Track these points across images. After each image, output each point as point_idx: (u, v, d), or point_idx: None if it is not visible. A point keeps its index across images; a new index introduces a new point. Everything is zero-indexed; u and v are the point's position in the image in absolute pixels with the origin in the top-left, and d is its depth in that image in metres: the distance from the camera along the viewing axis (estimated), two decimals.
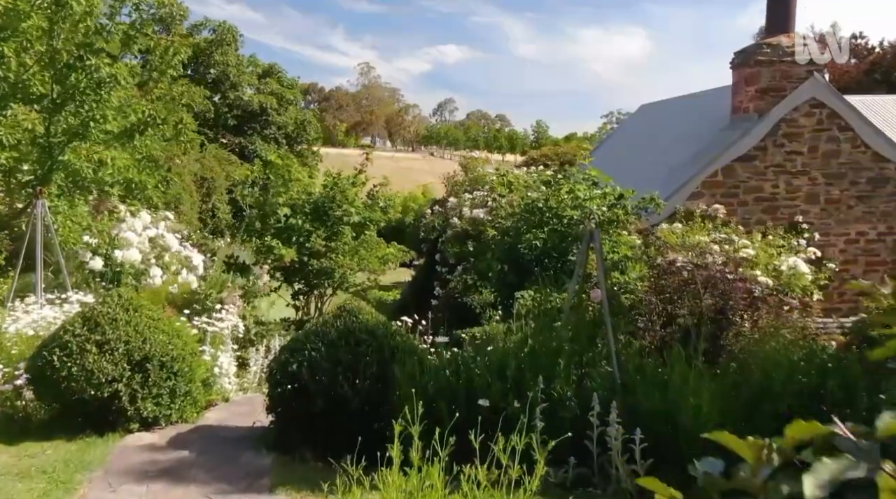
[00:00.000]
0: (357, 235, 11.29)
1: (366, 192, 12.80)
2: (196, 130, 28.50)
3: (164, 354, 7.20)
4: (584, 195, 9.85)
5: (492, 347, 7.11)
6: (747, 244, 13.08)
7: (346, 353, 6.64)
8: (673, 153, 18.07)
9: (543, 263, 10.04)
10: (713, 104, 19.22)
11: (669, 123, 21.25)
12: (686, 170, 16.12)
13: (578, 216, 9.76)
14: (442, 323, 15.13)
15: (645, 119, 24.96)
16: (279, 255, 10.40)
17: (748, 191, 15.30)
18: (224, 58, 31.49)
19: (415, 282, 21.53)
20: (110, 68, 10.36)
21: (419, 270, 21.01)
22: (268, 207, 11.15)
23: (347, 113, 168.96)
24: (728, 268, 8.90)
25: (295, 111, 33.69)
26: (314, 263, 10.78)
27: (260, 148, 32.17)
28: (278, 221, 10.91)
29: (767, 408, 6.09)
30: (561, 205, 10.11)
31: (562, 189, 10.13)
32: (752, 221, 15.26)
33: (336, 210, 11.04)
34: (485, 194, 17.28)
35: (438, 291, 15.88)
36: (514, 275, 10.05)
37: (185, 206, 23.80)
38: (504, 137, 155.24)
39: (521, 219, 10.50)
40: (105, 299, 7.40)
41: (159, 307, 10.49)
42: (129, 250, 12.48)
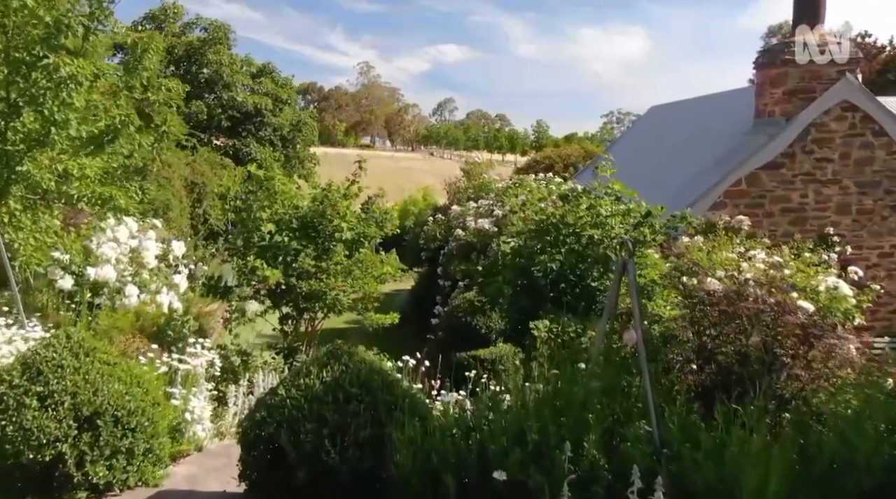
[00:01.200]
0: (350, 253, 10.16)
1: (360, 202, 11.75)
2: (187, 132, 27.42)
3: (120, 407, 6.07)
4: (606, 212, 8.73)
5: (508, 400, 5.99)
6: (780, 263, 11.98)
7: (333, 411, 5.52)
8: (691, 160, 16.96)
9: (560, 286, 8.93)
10: (731, 107, 18.11)
11: (683, 127, 20.13)
12: (706, 178, 15.02)
13: (599, 235, 8.64)
14: (445, 344, 14.05)
15: (655, 122, 23.86)
16: (263, 277, 9.27)
17: (774, 201, 14.21)
18: (217, 57, 30.36)
19: (415, 292, 20.41)
20: (71, 67, 9.23)
21: (420, 280, 19.90)
22: (250, 222, 10.02)
23: (347, 113, 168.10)
24: (772, 297, 7.79)
25: (291, 112, 32.55)
26: (303, 286, 9.65)
27: (255, 150, 31.03)
28: (262, 239, 9.78)
29: (849, 484, 4.98)
30: (580, 222, 9.00)
31: (581, 204, 9.00)
32: (779, 234, 14.18)
33: (326, 226, 9.92)
34: (490, 203, 16.17)
35: (440, 309, 14.78)
36: (527, 299, 8.97)
37: (174, 212, 22.68)
38: (504, 137, 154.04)
39: (535, 237, 9.38)
40: (50, 342, 6.27)
41: (128, 336, 9.43)
42: (104, 268, 11.34)
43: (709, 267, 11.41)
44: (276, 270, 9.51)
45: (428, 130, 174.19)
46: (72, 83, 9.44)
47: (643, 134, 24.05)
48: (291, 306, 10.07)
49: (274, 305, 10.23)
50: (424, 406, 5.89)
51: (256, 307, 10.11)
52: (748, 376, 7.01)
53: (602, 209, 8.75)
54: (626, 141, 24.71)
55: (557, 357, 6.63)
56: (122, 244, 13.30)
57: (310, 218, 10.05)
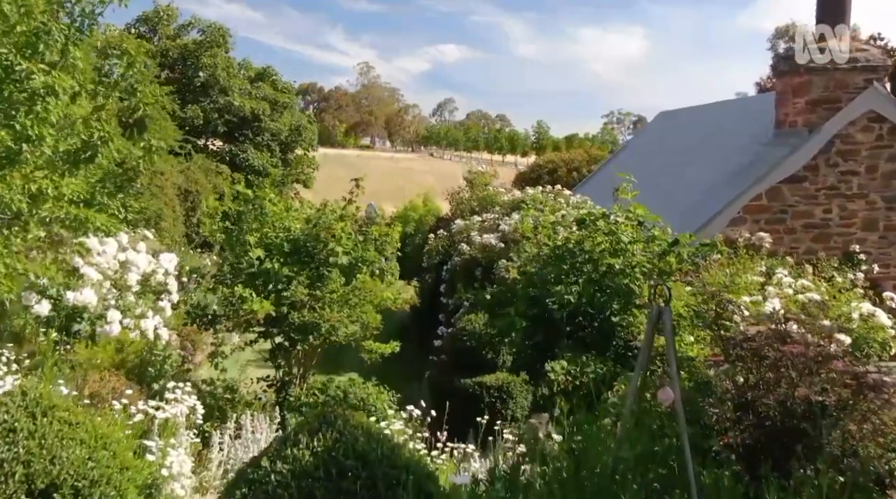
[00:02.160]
0: (347, 279, 9.38)
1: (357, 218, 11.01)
2: (181, 138, 26.65)
3: (81, 476, 5.30)
4: (627, 239, 7.95)
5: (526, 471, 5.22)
6: (809, 287, 11.21)
7: (325, 488, 4.75)
8: (705, 171, 16.18)
9: (577, 320, 8.15)
10: (746, 115, 17.36)
11: (695, 135, 19.35)
12: (723, 192, 14.24)
13: (620, 265, 7.85)
14: (448, 368, 13.28)
15: (665, 128, 23.07)
16: (250, 309, 8.49)
17: (797, 216, 13.44)
18: (213, 60, 29.57)
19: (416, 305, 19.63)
20: (47, 77, 8.43)
21: (421, 293, 19.08)
22: (238, 247, 9.24)
23: (347, 113, 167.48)
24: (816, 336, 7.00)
25: (289, 117, 31.73)
26: (295, 317, 8.88)
27: (252, 156, 30.27)
28: (251, 265, 8.99)
29: None
30: (597, 249, 8.22)
31: (599, 230, 8.23)
32: (801, 251, 13.42)
33: (320, 250, 9.14)
34: (496, 217, 15.40)
35: (443, 330, 14.01)
36: (541, 334, 8.19)
37: (167, 221, 21.89)
38: (504, 138, 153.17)
39: (550, 264, 8.61)
40: (3, 401, 5.49)
41: (104, 374, 8.65)
42: (83, 292, 10.57)
43: (732, 289, 10.66)
44: (265, 301, 8.72)
45: (428, 130, 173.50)
46: (48, 96, 8.66)
47: (651, 141, 23.26)
48: (283, 336, 9.29)
49: (263, 335, 9.45)
50: (432, 480, 5.11)
51: (237, 341, 9.34)
52: (794, 432, 6.25)
53: (623, 235, 7.96)
54: (634, 148, 23.93)
55: (579, 414, 5.87)
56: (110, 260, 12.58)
57: (303, 242, 9.27)
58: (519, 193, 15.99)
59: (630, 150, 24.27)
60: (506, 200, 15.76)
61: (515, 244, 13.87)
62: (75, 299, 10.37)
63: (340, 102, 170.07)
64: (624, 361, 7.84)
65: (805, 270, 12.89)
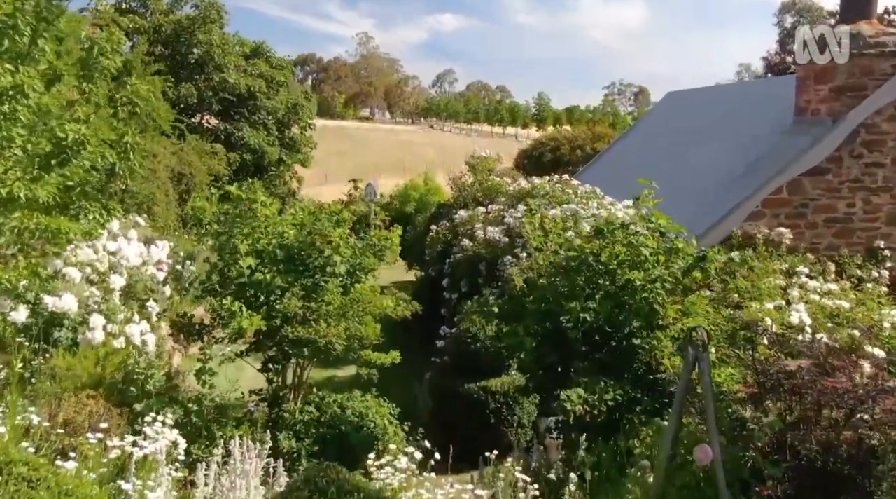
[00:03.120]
0: (345, 289, 8.72)
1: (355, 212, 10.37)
2: (175, 117, 25.85)
3: None
4: (649, 252, 7.28)
5: None
6: (835, 291, 10.56)
7: None
8: (720, 160, 15.45)
9: (593, 339, 7.51)
10: (761, 99, 16.59)
11: (707, 119, 18.56)
12: (741, 183, 13.54)
13: (641, 280, 7.20)
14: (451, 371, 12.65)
15: (674, 110, 22.25)
16: (239, 327, 7.83)
17: (818, 210, 12.75)
18: (208, 37, 28.66)
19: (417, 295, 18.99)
20: (13, 76, 7.74)
21: (422, 283, 18.41)
22: (227, 255, 8.57)
23: (346, 84, 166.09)
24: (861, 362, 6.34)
25: (286, 94, 30.88)
26: (289, 331, 8.23)
27: (248, 135, 29.46)
28: (241, 275, 8.32)
29: None
30: (616, 261, 7.56)
31: (617, 241, 7.56)
32: (823, 247, 12.76)
33: (316, 258, 8.47)
34: (500, 208, 14.71)
35: (445, 329, 13.37)
36: (553, 354, 7.54)
37: (159, 206, 21.19)
38: (505, 109, 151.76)
39: (562, 275, 7.95)
40: None
41: (82, 396, 8.02)
42: (64, 297, 9.92)
43: (754, 294, 10.01)
44: (255, 315, 8.06)
45: (428, 102, 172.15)
46: (17, 95, 7.98)
47: (659, 123, 22.44)
48: (277, 350, 8.65)
49: (256, 348, 8.81)
50: None
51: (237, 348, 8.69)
52: (840, 478, 5.64)
53: (645, 249, 7.29)
54: (641, 131, 23.11)
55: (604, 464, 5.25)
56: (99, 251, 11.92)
57: (297, 249, 8.60)
58: (525, 183, 15.28)
59: (639, 132, 23.45)
60: (511, 191, 15.06)
61: (521, 239, 13.22)
62: (54, 305, 9.74)
63: (339, 73, 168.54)
64: (645, 385, 7.20)
65: (827, 268, 12.25)
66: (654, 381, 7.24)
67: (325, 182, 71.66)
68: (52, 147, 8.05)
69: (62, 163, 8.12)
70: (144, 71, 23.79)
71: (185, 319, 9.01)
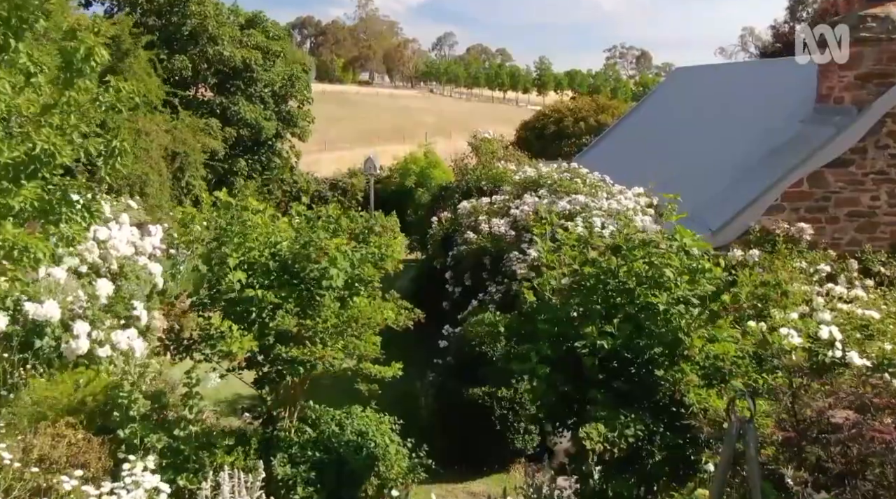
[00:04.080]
0: (343, 302, 8.13)
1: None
2: (168, 91, 25.10)
3: None
4: (672, 273, 6.69)
5: None
6: (861, 297, 9.99)
7: None
8: (734, 146, 14.78)
9: (611, 365, 6.96)
10: (778, 81, 15.87)
11: (718, 100, 17.85)
12: (758, 173, 12.93)
13: (663, 303, 6.61)
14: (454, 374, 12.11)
15: (682, 89, 21.47)
16: (227, 350, 7.25)
17: (840, 204, 12.16)
18: (201, 8, 27.76)
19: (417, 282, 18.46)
20: None
21: (423, 270, 17.83)
22: (216, 267, 7.97)
23: (345, 47, 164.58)
24: None
25: (283, 66, 30.03)
26: (282, 350, 7.66)
27: (243, 109, 28.65)
28: (231, 289, 7.72)
29: None
30: (635, 280, 6.98)
31: (636, 259, 6.97)
32: (844, 242, 12.19)
33: (312, 270, 7.88)
34: (505, 199, 14.09)
35: (448, 329, 12.82)
36: (568, 383, 6.98)
37: (152, 186, 20.53)
38: (506, 74, 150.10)
39: (576, 294, 7.38)
40: None
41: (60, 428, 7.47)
42: (46, 304, 9.33)
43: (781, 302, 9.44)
44: (246, 335, 7.49)
45: (427, 65, 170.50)
46: None
47: (667, 102, 21.65)
48: (270, 367, 8.10)
49: (248, 366, 8.25)
50: None
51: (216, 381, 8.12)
52: None
53: (668, 270, 6.69)
54: (647, 110, 22.31)
55: None
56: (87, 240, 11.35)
57: (291, 261, 8.00)
58: (531, 171, 14.62)
59: (646, 111, 22.66)
60: (517, 180, 14.41)
61: (528, 233, 12.63)
62: (35, 313, 9.16)
63: (338, 36, 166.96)
64: (668, 418, 6.66)
65: (849, 266, 11.68)
66: (678, 414, 6.70)
67: (324, 149, 70.87)
68: (24, 157, 7.41)
69: (31, 175, 7.48)
70: (135, 44, 23.00)
71: (173, 334, 8.42)
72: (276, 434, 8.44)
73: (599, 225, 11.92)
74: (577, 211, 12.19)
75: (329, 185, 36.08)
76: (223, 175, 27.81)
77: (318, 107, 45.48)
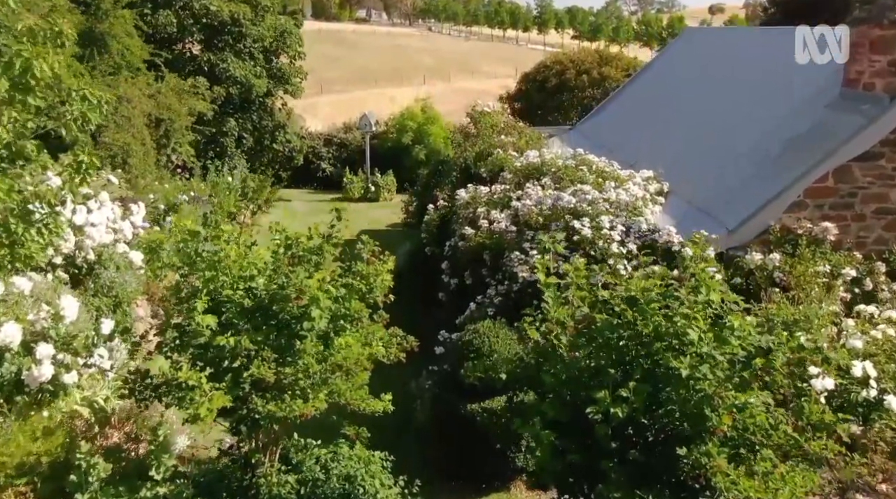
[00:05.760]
0: (327, 341, 7.30)
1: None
2: (152, 52, 23.92)
3: None
4: (697, 336, 5.86)
5: None
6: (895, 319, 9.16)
7: None
8: (751, 129, 13.78)
9: (626, 432, 6.18)
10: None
11: (732, 71, 16.70)
12: (778, 164, 12.02)
13: (686, 369, 5.80)
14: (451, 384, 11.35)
15: (694, 53, 20.25)
16: (196, 413, 6.45)
17: (867, 200, 11.28)
18: None
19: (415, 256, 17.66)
20: None
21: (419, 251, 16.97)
22: (184, 308, 7.13)
23: None
24: None
25: (273, 20, 28.71)
26: (258, 404, 6.88)
27: (233, 66, 27.41)
28: (200, 333, 6.89)
29: None
30: (653, 335, 6.16)
31: (655, 314, 6.13)
32: (870, 241, 11.36)
33: (290, 310, 7.05)
34: (506, 188, 13.19)
35: (445, 334, 12.00)
36: (577, 451, 6.21)
37: (136, 157, 19.55)
38: (506, 11, 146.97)
39: (587, 344, 6.58)
40: None
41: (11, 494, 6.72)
42: (5, 326, 8.49)
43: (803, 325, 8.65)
44: (219, 384, 6.69)
45: (425, 2, 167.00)
46: None
47: (678, 67, 20.35)
48: (245, 412, 7.32)
49: (222, 413, 7.46)
50: None
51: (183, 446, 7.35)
52: None
53: (692, 332, 5.86)
54: (657, 74, 21.04)
55: None
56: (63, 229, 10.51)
57: (268, 301, 7.16)
58: (534, 156, 13.67)
59: (650, 75, 21.43)
60: (518, 167, 13.47)
61: (529, 229, 11.79)
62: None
63: None
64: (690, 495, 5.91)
65: (876, 269, 10.86)
66: (702, 489, 5.95)
67: (320, 92, 69.37)
68: None
69: None
70: (115, 3, 21.77)
71: (137, 376, 7.61)
72: (256, 480, 7.70)
73: (608, 225, 11.08)
74: (583, 209, 11.29)
75: (323, 141, 35.05)
76: (212, 137, 26.76)
77: (314, 47, 44.12)
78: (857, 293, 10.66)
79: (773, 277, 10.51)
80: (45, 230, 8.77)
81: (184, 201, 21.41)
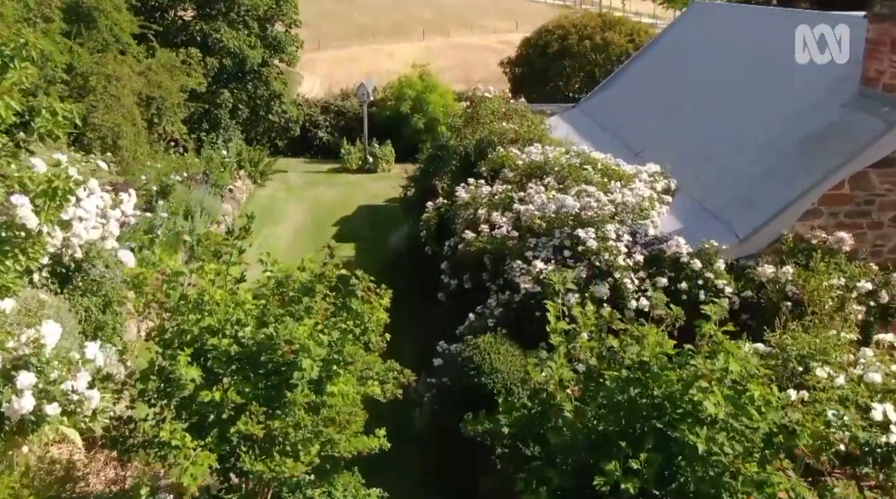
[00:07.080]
0: (319, 388, 6.89)
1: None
2: (142, 25, 23.13)
3: None
4: (714, 408, 5.47)
5: None
6: None
7: None
8: (762, 124, 13.22)
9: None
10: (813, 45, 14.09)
11: (744, 55, 16.02)
12: (791, 167, 11.55)
13: (703, 444, 5.43)
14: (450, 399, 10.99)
15: (701, 31, 19.48)
16: (178, 479, 6.08)
17: (885, 208, 10.84)
18: None
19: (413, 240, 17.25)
20: None
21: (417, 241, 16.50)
22: (168, 352, 6.70)
23: None
24: None
25: None
26: (247, 462, 6.50)
27: (226, 35, 26.61)
28: (182, 387, 6.47)
29: None
30: (670, 400, 5.78)
31: (669, 381, 5.73)
32: (887, 250, 10.97)
33: (277, 357, 6.64)
34: (508, 188, 12.71)
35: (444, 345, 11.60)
36: None
37: (126, 139, 18.96)
38: None
39: (594, 400, 6.20)
40: None
41: None
42: None
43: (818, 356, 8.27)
44: (203, 443, 6.31)
45: None
46: None
47: (684, 46, 19.55)
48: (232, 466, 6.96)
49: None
50: None
51: None
52: None
53: (710, 404, 5.45)
54: (663, 52, 20.22)
55: None
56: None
57: (256, 350, 6.74)
58: (537, 153, 13.15)
59: (655, 53, 20.63)
60: (521, 166, 12.96)
61: (532, 235, 11.35)
62: None
63: None
64: None
65: (893, 280, 10.44)
66: None
67: (318, 48, 68.14)
68: None
69: None
70: None
71: (121, 423, 7.21)
72: None
73: (614, 236, 10.63)
74: (588, 218, 10.84)
75: (321, 108, 34.32)
76: (206, 110, 26.08)
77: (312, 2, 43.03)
78: (872, 306, 10.28)
79: (785, 291, 10.11)
80: (21, 256, 8.37)
81: (177, 182, 20.96)
